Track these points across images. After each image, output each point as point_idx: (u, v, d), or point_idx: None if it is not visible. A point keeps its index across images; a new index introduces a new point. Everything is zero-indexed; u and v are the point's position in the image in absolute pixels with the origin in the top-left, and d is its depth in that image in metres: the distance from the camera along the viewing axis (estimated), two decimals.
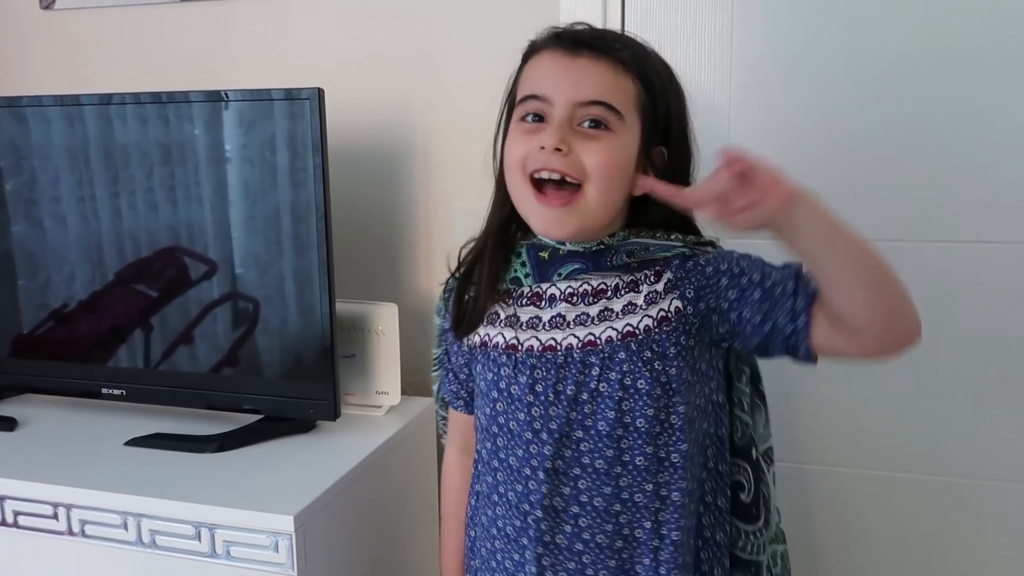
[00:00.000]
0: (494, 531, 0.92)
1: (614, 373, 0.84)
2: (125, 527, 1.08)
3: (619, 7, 1.32)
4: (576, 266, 0.88)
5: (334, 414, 1.22)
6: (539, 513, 0.87)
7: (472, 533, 0.98)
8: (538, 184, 0.84)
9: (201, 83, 1.34)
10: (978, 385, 1.30)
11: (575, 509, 0.87)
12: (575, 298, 0.87)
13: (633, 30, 1.32)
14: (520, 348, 0.88)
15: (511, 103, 0.90)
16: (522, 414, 0.87)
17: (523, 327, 0.88)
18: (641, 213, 0.89)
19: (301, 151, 1.17)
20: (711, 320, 0.85)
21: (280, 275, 1.22)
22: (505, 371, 0.88)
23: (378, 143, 1.45)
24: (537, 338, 0.87)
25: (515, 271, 0.91)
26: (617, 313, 0.85)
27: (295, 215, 1.19)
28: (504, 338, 0.89)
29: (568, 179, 0.82)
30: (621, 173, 0.84)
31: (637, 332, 0.84)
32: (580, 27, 0.88)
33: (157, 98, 1.24)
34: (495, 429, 0.90)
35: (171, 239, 1.27)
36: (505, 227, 0.92)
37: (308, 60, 1.46)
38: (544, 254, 0.90)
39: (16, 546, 1.14)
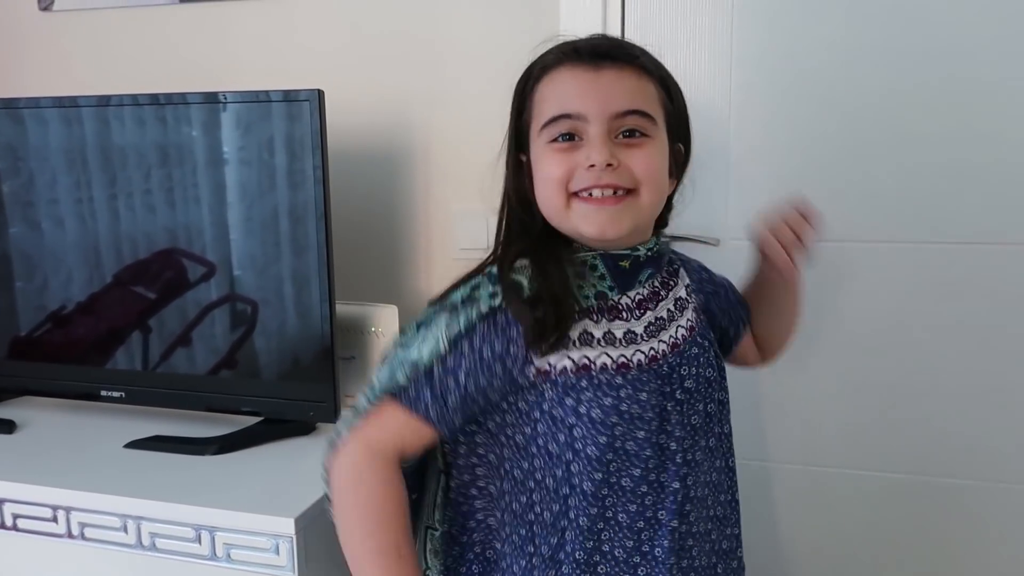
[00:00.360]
0: (597, 558, 0.86)
1: (695, 368, 0.88)
2: (125, 530, 1.07)
3: (619, 8, 1.32)
4: (651, 271, 0.88)
5: (334, 416, 1.22)
6: (674, 523, 0.85)
7: (553, 573, 0.87)
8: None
9: (201, 85, 1.34)
10: (977, 386, 1.30)
11: (687, 507, 0.87)
12: (650, 303, 0.87)
13: (633, 32, 1.32)
14: (631, 365, 0.84)
15: (518, 126, 0.87)
16: (641, 432, 0.84)
17: (623, 343, 0.84)
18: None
19: (300, 153, 1.17)
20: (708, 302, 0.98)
21: (279, 277, 1.22)
22: (625, 392, 0.83)
23: (378, 144, 1.45)
24: (640, 351, 0.85)
25: (595, 286, 0.86)
26: (676, 311, 0.89)
27: (294, 217, 1.19)
28: (611, 358, 0.84)
29: (619, 192, 0.81)
30: (665, 175, 0.85)
31: (694, 324, 0.90)
32: (595, 39, 0.86)
33: (155, 100, 1.23)
34: (610, 456, 0.84)
35: (169, 241, 1.27)
36: (544, 237, 0.87)
37: (307, 62, 1.46)
38: (625, 263, 0.86)
39: (15, 549, 1.13)
